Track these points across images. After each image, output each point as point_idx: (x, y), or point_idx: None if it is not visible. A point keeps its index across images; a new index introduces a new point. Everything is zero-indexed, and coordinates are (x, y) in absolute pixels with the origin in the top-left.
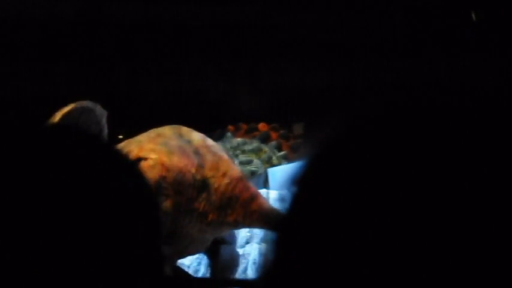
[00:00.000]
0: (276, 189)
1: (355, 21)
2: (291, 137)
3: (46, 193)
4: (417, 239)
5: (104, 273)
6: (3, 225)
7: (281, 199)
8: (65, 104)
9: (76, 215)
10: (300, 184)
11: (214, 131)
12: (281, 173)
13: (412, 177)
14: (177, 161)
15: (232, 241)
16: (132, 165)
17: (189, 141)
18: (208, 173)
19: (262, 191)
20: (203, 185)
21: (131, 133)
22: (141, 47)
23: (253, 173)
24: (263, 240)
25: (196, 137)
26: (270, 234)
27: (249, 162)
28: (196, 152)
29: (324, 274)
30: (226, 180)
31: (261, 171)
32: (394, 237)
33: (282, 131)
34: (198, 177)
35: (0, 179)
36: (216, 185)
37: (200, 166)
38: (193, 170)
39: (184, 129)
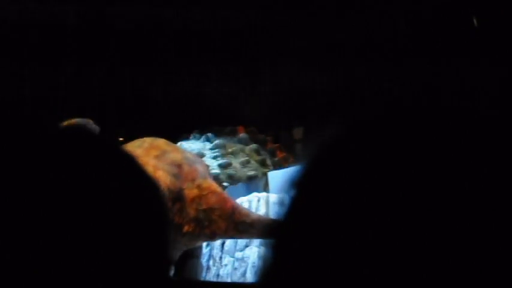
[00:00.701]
0: (276, 193)
1: (355, 25)
2: (269, 141)
3: (58, 194)
4: (417, 243)
5: (114, 274)
6: (10, 226)
7: (281, 202)
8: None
9: (86, 217)
10: (299, 186)
11: (190, 132)
12: (281, 177)
13: (412, 180)
14: (152, 172)
15: (198, 255)
16: (142, 169)
17: (167, 153)
18: (183, 184)
19: (263, 194)
20: (177, 197)
21: (131, 134)
22: (142, 50)
23: (231, 177)
24: (262, 243)
25: (174, 149)
26: (266, 239)
27: (228, 166)
28: (173, 164)
29: (323, 278)
30: (202, 192)
31: (239, 174)
32: (393, 239)
33: (259, 136)
34: (172, 188)
35: (8, 180)
36: (190, 197)
37: (175, 178)
38: (167, 181)
39: (163, 142)
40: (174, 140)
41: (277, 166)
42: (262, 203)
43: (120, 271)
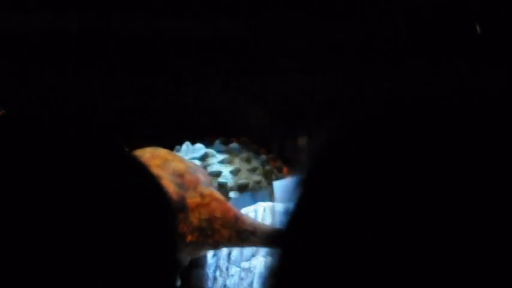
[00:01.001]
0: (281, 202)
1: (355, 25)
2: (262, 151)
3: (63, 195)
4: (419, 243)
5: (120, 277)
6: (11, 226)
7: (286, 212)
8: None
9: (92, 218)
10: (301, 189)
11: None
12: (286, 186)
13: (413, 180)
14: None
15: (203, 264)
16: (151, 174)
17: (169, 163)
18: (186, 194)
19: (268, 204)
20: (181, 207)
21: (132, 143)
22: (143, 59)
23: (221, 186)
24: (269, 253)
25: (176, 159)
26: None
27: (218, 174)
28: (175, 173)
29: (329, 281)
30: (204, 201)
31: (229, 183)
32: (398, 241)
33: (252, 146)
34: (176, 197)
35: (10, 179)
36: (193, 205)
37: (179, 187)
38: (171, 191)
39: (165, 151)
40: (171, 149)
41: (270, 175)
42: (267, 212)
43: (127, 274)
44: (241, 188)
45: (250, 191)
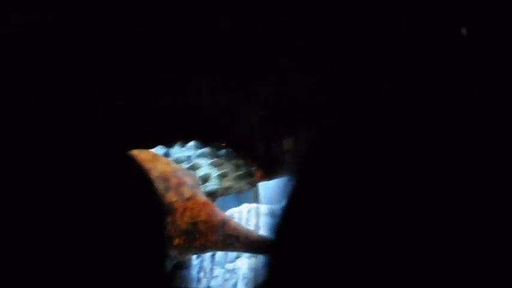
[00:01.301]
0: (267, 204)
1: (355, 25)
2: (233, 154)
3: (59, 195)
4: (416, 249)
5: (113, 275)
6: (10, 225)
7: (272, 213)
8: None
9: (86, 217)
10: (300, 189)
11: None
12: (272, 187)
13: (414, 181)
14: None
15: (188, 266)
16: (147, 175)
17: (156, 166)
18: (173, 197)
19: (253, 206)
20: (168, 210)
21: (133, 144)
22: (135, 60)
23: None
24: (253, 255)
25: (163, 161)
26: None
27: None
28: (162, 176)
29: (322, 285)
30: (191, 205)
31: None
32: (394, 246)
33: (221, 149)
34: (163, 200)
35: (8, 179)
36: (181, 210)
37: (165, 190)
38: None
39: (152, 154)
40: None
41: (244, 180)
42: (252, 214)
43: (122, 272)
44: (210, 195)
45: (220, 197)
